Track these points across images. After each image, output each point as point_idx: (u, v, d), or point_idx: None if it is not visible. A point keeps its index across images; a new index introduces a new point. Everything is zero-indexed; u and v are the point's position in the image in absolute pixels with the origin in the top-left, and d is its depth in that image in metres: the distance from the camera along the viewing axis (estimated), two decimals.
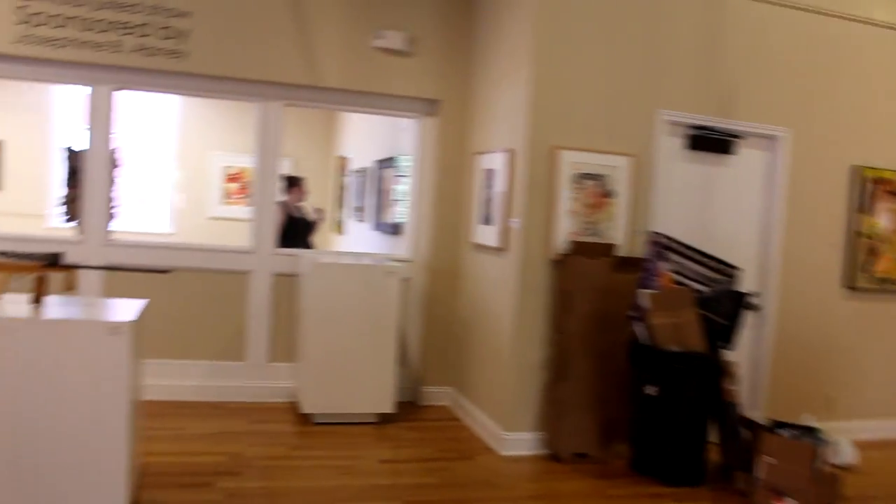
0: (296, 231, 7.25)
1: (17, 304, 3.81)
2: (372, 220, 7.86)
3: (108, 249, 5.76)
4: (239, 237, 9.63)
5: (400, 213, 7.03)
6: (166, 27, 5.63)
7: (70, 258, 5.66)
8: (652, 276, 5.04)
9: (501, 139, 5.55)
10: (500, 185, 5.48)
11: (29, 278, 3.83)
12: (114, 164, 5.85)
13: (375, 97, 6.14)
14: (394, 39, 5.95)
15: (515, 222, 5.26)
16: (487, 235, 5.65)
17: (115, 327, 3.60)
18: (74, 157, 7.59)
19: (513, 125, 5.37)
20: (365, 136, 8.57)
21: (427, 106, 6.25)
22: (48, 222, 9.43)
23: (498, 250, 5.46)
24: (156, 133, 9.88)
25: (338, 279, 5.54)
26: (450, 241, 6.25)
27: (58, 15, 5.46)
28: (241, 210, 9.88)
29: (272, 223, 6.08)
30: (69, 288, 3.87)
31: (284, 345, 6.11)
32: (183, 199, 9.93)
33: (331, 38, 5.93)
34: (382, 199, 7.57)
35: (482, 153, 5.85)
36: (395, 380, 5.72)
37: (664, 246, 5.09)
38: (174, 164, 9.95)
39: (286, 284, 6.07)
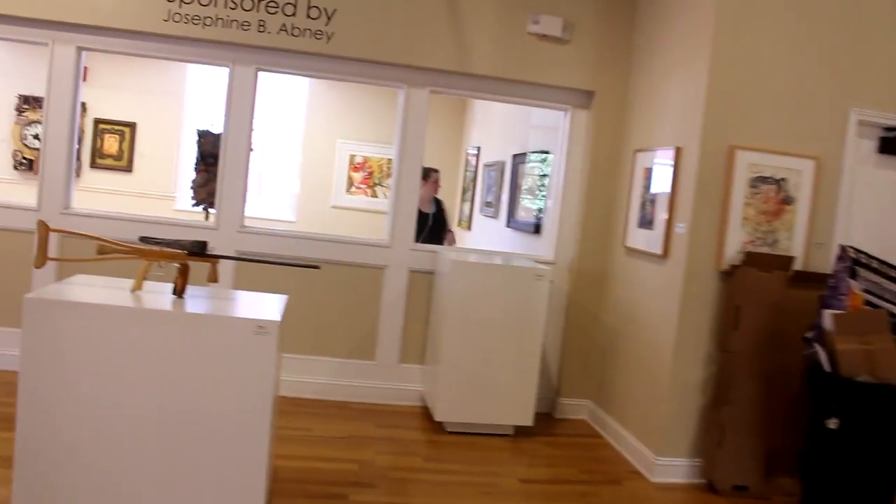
0: (426, 226, 6.87)
1: (159, 294, 3.53)
2: (505, 217, 7.43)
3: (242, 237, 5.51)
4: (361, 227, 9.53)
5: (540, 210, 6.58)
6: (311, 6, 5.32)
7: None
8: (839, 294, 4.43)
9: (667, 136, 5.04)
10: (663, 185, 4.96)
11: (171, 267, 3.55)
12: (249, 149, 5.57)
13: (526, 87, 5.71)
14: (550, 25, 5.50)
15: (681, 227, 4.74)
16: (645, 240, 5.14)
17: (263, 327, 3.27)
18: (206, 141, 7.44)
19: (682, 121, 4.86)
20: (498, 129, 8.15)
21: (580, 97, 5.78)
22: (177, 205, 9.38)
23: (658, 257, 4.96)
24: (281, 117, 9.68)
25: (481, 280, 5.14)
26: (598, 244, 5.77)
27: None
28: (365, 200, 9.64)
29: (411, 216, 5.72)
30: (212, 279, 3.57)
31: (416, 346, 5.75)
32: (298, 186, 9.72)
33: (483, 21, 5.53)
34: (518, 195, 7.12)
35: (642, 150, 5.34)
36: (536, 391, 5.28)
37: (854, 261, 4.48)
38: (299, 150, 9.73)
39: (422, 282, 5.71)
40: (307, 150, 9.73)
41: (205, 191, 7.30)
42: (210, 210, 7.36)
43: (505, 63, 5.58)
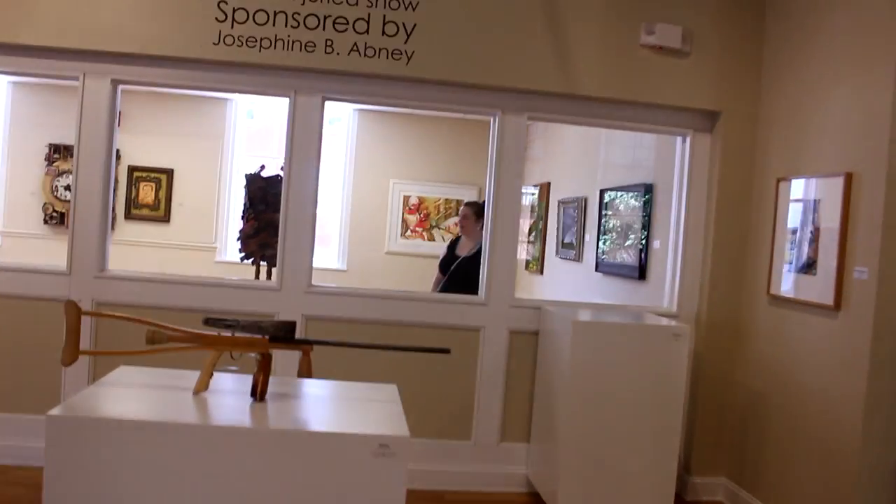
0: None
1: (232, 397, 2.51)
2: (593, 260, 6.37)
3: (311, 299, 4.49)
4: (418, 274, 8.50)
5: (639, 252, 5.51)
6: (388, 21, 4.34)
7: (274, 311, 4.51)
8: None
9: (829, 160, 3.98)
10: (827, 219, 3.90)
11: (248, 357, 2.52)
12: (316, 193, 4.56)
13: (639, 109, 4.68)
14: (667, 35, 4.49)
15: (862, 272, 3.66)
16: (804, 287, 4.07)
17: (387, 445, 2.23)
18: (255, 186, 6.44)
19: (854, 141, 3.80)
20: (575, 161, 7.11)
21: (703, 119, 4.74)
22: (219, 257, 8.41)
23: (826, 308, 3.87)
24: (327, 155, 8.68)
25: (606, 342, 4.08)
26: (731, 291, 4.69)
27: (261, 10, 4.25)
28: (421, 244, 8.63)
29: (510, 267, 4.66)
30: (305, 373, 2.53)
31: (519, 421, 4.68)
32: (347, 232, 8.69)
33: (589, 34, 4.53)
34: (610, 235, 6.07)
35: (790, 178, 4.28)
36: (677, 474, 4.19)
37: None
38: (347, 191, 8.73)
39: (525, 345, 4.65)
40: (357, 190, 8.72)
41: (255, 242, 6.28)
42: (261, 263, 6.35)
43: (615, 82, 4.55)
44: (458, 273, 5.57)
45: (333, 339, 2.62)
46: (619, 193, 6.00)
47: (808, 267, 4.05)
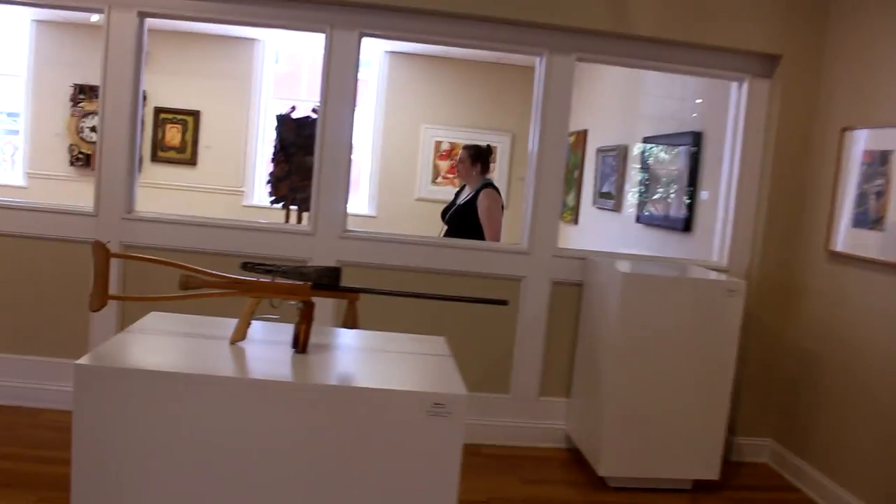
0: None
1: (272, 347, 2.31)
2: (633, 211, 6.10)
3: (345, 245, 4.28)
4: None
5: (684, 203, 5.24)
6: None
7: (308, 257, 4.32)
8: None
9: None
10: None
11: (288, 305, 2.32)
12: (351, 134, 4.31)
13: (694, 51, 4.37)
14: None
15: None
16: (870, 244, 3.80)
17: (441, 404, 2.02)
18: (286, 128, 6.20)
19: None
20: (616, 107, 6.79)
21: (761, 64, 4.42)
22: (246, 200, 8.22)
23: (893, 266, 3.62)
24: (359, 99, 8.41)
25: (656, 296, 3.84)
26: (786, 246, 4.42)
27: None
28: (453, 192, 8.36)
29: (554, 215, 4.42)
30: (351, 323, 2.33)
31: (560, 375, 4.49)
32: (376, 176, 8.44)
33: None
34: (654, 185, 5.79)
35: (856, 128, 3.98)
36: (726, 436, 3.99)
37: None
38: (376, 135, 8.46)
39: (567, 296, 4.43)
40: (387, 135, 8.45)
41: (286, 185, 6.07)
42: (291, 208, 6.14)
43: (670, 21, 4.24)
44: (453, 221, 5.31)
45: (381, 288, 2.40)
46: (664, 142, 5.71)
47: (874, 223, 3.77)
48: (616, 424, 3.88)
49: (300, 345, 2.27)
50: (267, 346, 2.33)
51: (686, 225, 5.20)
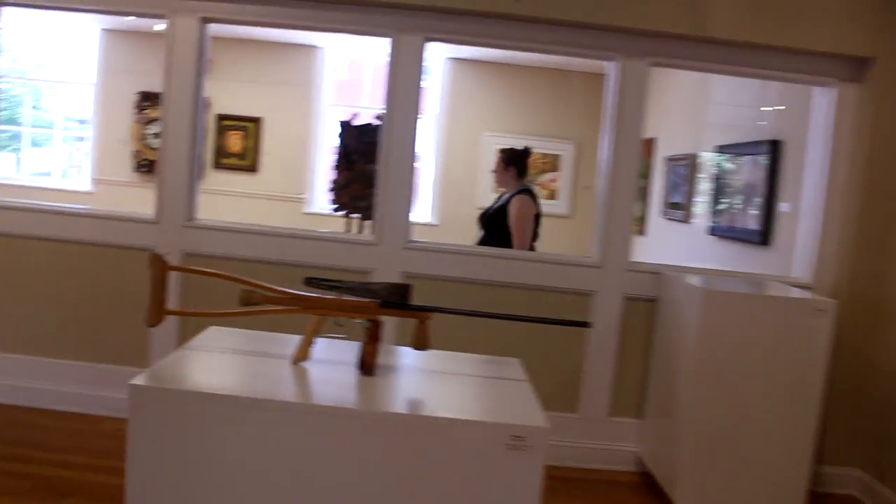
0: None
1: (336, 368, 2.15)
2: (705, 222, 5.83)
3: (409, 256, 4.13)
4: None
5: (761, 214, 4.95)
6: None
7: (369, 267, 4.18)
8: None
9: None
10: None
11: (354, 323, 2.16)
12: (416, 141, 4.16)
13: (777, 54, 4.11)
14: None
15: None
16: None
17: (521, 437, 1.84)
18: (349, 135, 6.09)
19: None
20: (689, 113, 6.52)
21: (849, 67, 4.13)
22: (307, 208, 8.16)
23: None
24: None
25: (738, 314, 3.59)
26: (878, 263, 4.12)
27: None
28: None
29: (627, 226, 4.21)
30: (421, 344, 2.16)
31: (631, 395, 4.26)
32: (437, 184, 8.28)
33: None
34: (726, 195, 5.52)
35: None
36: (811, 466, 3.72)
37: None
38: (436, 142, 8.32)
39: (640, 312, 4.20)
40: (448, 143, 8.30)
41: (347, 193, 5.94)
42: (353, 216, 6.02)
43: (751, 22, 3.99)
44: (486, 226, 5.09)
45: (455, 307, 2.22)
46: (738, 151, 5.43)
47: None
48: (694, 450, 3.64)
49: (366, 367, 2.11)
50: (331, 368, 2.18)
51: (763, 238, 4.92)
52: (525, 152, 5.16)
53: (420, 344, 2.15)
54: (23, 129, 9.04)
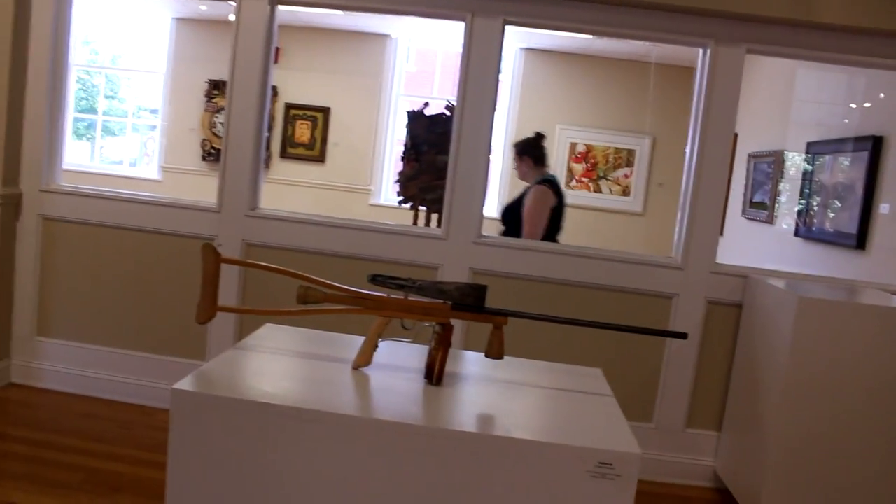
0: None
1: (400, 377, 1.94)
2: (793, 224, 5.45)
3: (479, 251, 3.89)
4: (583, 229, 7.77)
5: (858, 216, 4.57)
6: None
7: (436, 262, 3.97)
8: None
9: None
10: None
11: (423, 326, 1.94)
12: (491, 132, 3.91)
13: (885, 40, 3.74)
14: None
15: None
16: None
17: (609, 465, 1.60)
18: (417, 125, 5.88)
19: None
20: (776, 106, 6.14)
21: None
22: (374, 199, 8.01)
23: None
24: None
25: (835, 324, 3.25)
26: None
27: None
28: (588, 196, 7.88)
29: (714, 226, 3.91)
30: (496, 353, 1.93)
31: (710, 406, 3.95)
32: (507, 178, 8.00)
33: None
34: (816, 195, 5.14)
35: None
36: None
37: None
38: (509, 135, 8.05)
39: (723, 318, 3.89)
40: (520, 135, 7.98)
41: (415, 185, 5.73)
42: (420, 209, 5.81)
43: (862, 5, 3.63)
44: (504, 219, 4.77)
45: (537, 313, 1.98)
46: (832, 148, 5.05)
47: None
48: (780, 467, 3.32)
49: (435, 376, 1.89)
50: (395, 375, 1.96)
51: (859, 241, 4.54)
52: (536, 139, 4.84)
53: (494, 352, 1.92)
54: (97, 117, 9.09)
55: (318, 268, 3.95)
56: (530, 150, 4.77)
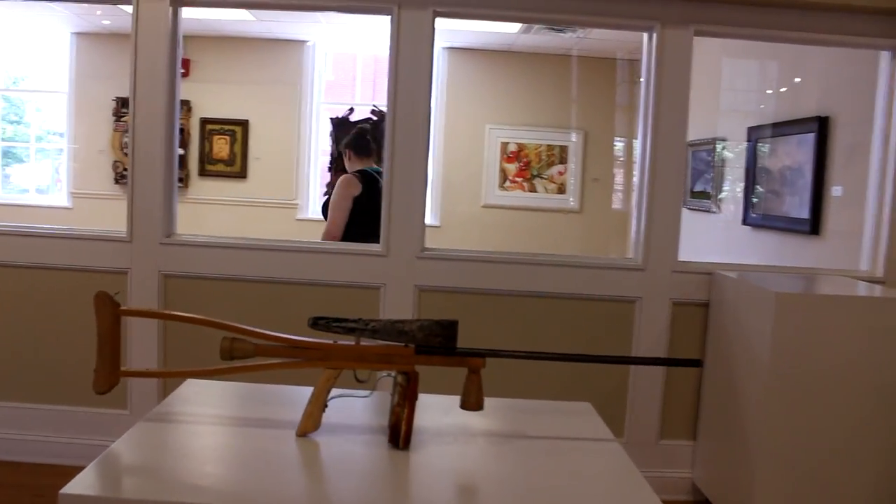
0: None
1: (359, 442, 1.54)
2: (740, 212, 5.22)
3: (423, 266, 3.50)
4: (518, 230, 7.47)
5: (810, 201, 4.35)
6: None
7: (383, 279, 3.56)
8: None
9: None
10: None
11: (379, 376, 1.55)
12: (427, 137, 3.53)
13: (832, 14, 3.49)
14: None
15: None
16: None
17: None
18: (343, 132, 5.46)
19: None
20: (713, 92, 5.90)
21: None
22: (301, 214, 7.54)
23: None
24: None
25: (815, 320, 2.98)
26: None
27: None
28: (522, 196, 7.57)
29: (674, 223, 3.60)
30: (473, 405, 1.55)
31: (682, 414, 3.64)
32: (438, 182, 7.64)
33: None
34: (762, 181, 4.92)
35: None
36: None
37: None
38: (437, 138, 7.69)
39: (690, 319, 3.59)
40: (448, 138, 7.64)
41: None
42: None
43: None
44: (326, 217, 4.46)
45: (523, 350, 1.61)
46: (776, 130, 4.83)
47: None
48: (767, 475, 3.03)
49: (402, 438, 1.50)
50: (352, 439, 1.56)
51: (812, 226, 4.32)
52: (358, 131, 4.51)
53: (472, 403, 1.54)
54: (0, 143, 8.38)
55: (246, 296, 3.51)
56: (351, 143, 4.42)
